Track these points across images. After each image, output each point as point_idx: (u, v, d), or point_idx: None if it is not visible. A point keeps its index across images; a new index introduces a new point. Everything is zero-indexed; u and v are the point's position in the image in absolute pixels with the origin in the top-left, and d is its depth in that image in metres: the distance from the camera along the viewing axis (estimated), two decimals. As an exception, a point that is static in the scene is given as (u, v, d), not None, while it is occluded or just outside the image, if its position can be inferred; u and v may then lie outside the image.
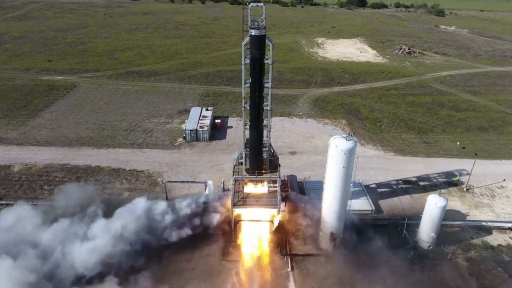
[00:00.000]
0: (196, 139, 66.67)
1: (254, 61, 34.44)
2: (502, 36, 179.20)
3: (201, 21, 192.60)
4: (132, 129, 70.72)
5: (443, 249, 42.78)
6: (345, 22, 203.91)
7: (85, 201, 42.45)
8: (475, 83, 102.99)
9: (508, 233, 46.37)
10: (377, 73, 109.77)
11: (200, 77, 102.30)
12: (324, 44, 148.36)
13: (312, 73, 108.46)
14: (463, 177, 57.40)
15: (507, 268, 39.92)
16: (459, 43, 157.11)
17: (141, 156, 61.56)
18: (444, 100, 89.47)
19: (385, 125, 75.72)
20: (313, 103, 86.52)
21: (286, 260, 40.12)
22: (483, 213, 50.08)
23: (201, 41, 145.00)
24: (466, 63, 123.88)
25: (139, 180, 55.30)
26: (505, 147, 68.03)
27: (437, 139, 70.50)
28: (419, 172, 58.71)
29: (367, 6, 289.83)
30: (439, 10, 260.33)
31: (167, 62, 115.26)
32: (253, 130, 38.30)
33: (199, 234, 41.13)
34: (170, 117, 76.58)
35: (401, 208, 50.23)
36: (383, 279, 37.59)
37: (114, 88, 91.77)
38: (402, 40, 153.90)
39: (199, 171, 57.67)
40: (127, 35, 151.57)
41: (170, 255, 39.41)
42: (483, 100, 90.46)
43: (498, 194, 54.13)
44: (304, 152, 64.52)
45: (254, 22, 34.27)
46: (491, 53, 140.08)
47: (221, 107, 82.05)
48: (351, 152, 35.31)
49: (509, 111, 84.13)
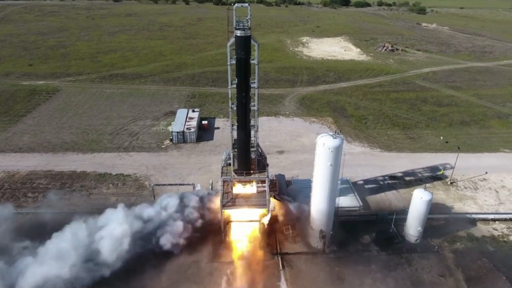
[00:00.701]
0: (183, 141, 66.24)
1: (240, 62, 34.47)
2: (482, 32, 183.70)
3: (185, 22, 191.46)
4: (118, 133, 69.80)
5: (430, 242, 43.58)
6: (329, 21, 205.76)
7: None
8: (456, 79, 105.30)
9: (492, 224, 47.58)
10: (362, 71, 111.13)
11: (185, 78, 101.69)
12: (308, 43, 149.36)
13: (298, 72, 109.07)
14: (447, 171, 58.63)
15: (492, 259, 40.94)
16: (440, 40, 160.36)
17: (128, 160, 60.80)
18: (427, 96, 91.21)
19: (371, 122, 76.72)
20: (299, 102, 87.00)
21: (277, 260, 40.24)
22: (467, 206, 51.23)
23: (185, 42, 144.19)
24: (448, 60, 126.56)
25: (126, 184, 54.59)
26: (486, 141, 69.75)
27: (421, 134, 71.82)
28: (405, 168, 59.66)
29: (350, 5, 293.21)
30: (420, 8, 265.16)
31: (151, 64, 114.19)
32: (241, 131, 38.32)
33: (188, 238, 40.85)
34: (156, 120, 75.89)
35: (388, 204, 50.98)
36: (373, 274, 38.14)
37: (98, 92, 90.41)
38: (385, 38, 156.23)
39: (187, 173, 57.30)
40: (110, 37, 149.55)
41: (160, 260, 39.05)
42: (464, 95, 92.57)
43: (480, 186, 55.47)
44: (292, 151, 64.82)
45: (239, 22, 34.29)
46: (471, 49, 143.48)
47: (207, 108, 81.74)
48: (338, 150, 35.69)
49: (490, 106, 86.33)
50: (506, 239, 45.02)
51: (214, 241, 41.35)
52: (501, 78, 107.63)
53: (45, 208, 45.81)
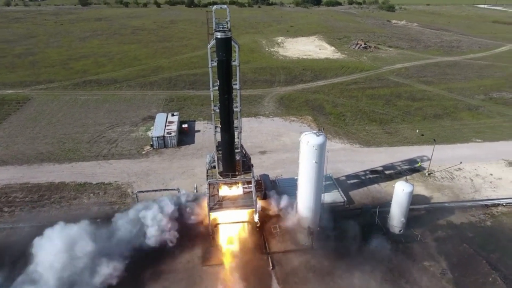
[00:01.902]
0: (164, 145, 65.32)
1: (222, 64, 34.43)
2: (448, 28, 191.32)
3: (158, 25, 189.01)
4: (95, 141, 68.01)
5: (413, 232, 44.98)
6: (302, 21, 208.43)
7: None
8: (427, 74, 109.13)
9: (469, 211, 49.63)
10: (337, 69, 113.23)
11: (162, 82, 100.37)
12: (283, 43, 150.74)
13: (275, 72, 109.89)
14: (424, 162, 60.65)
15: (472, 244, 42.74)
16: (410, 36, 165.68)
17: (108, 168, 59.35)
18: (401, 91, 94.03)
19: (349, 118, 78.32)
20: (278, 101, 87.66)
21: (267, 259, 40.42)
22: (445, 195, 53.15)
23: (160, 46, 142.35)
24: (418, 55, 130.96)
25: (108, 193, 53.27)
26: (459, 132, 72.66)
27: (398, 128, 73.97)
28: (384, 162, 61.25)
29: (322, 4, 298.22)
30: (389, 6, 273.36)
31: (126, 68, 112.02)
32: (224, 133, 38.26)
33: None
34: (135, 125, 74.50)
35: (371, 197, 52.17)
36: (361, 267, 38.96)
37: (71, 99, 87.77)
38: (357, 36, 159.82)
39: (170, 178, 56.57)
40: (81, 42, 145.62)
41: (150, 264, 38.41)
42: (436, 89, 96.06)
43: (456, 176, 57.73)
44: (274, 150, 65.22)
45: (219, 24, 34.26)
46: (439, 44, 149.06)
47: (186, 112, 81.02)
48: (322, 147, 36.27)
49: (460, 98, 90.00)
50: (483, 225, 47.08)
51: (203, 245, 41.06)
52: (469, 71, 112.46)
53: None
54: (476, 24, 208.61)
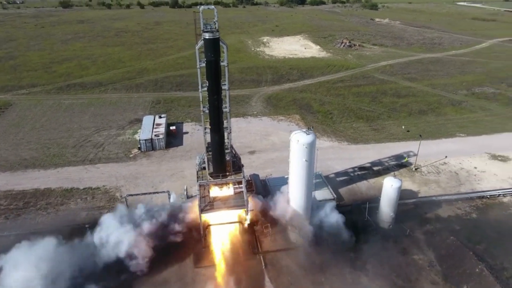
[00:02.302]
0: (152, 148, 64.74)
1: (210, 64, 34.29)
2: (430, 25, 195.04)
3: (142, 27, 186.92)
4: (81, 145, 66.91)
5: (402, 226, 45.74)
6: (287, 20, 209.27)
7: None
8: (411, 70, 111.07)
9: (455, 204, 50.78)
10: (323, 67, 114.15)
11: (148, 84, 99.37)
12: (269, 42, 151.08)
13: (261, 72, 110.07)
14: (411, 158, 61.79)
15: (459, 236, 43.73)
16: (393, 34, 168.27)
17: (95, 172, 58.49)
18: (386, 88, 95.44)
19: (336, 116, 79.08)
20: (265, 101, 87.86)
21: (259, 258, 40.50)
22: (431, 189, 54.28)
23: (144, 48, 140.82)
24: (402, 52, 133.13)
25: (96, 198, 52.52)
26: (443, 127, 74.21)
27: (384, 125, 75.08)
28: (372, 158, 62.15)
29: (306, 4, 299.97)
30: (372, 4, 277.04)
31: (110, 71, 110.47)
32: (214, 133, 38.12)
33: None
34: (121, 128, 73.57)
35: (360, 193, 52.90)
36: (352, 262, 39.45)
37: (55, 103, 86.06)
38: (342, 34, 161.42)
39: (160, 181, 56.13)
40: (63, 45, 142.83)
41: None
42: (420, 86, 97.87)
43: (442, 170, 58.98)
44: (263, 150, 65.38)
45: (206, 25, 34.13)
46: (422, 42, 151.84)
47: (174, 113, 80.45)
48: (312, 146, 36.57)
49: (443, 94, 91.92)
50: (469, 217, 48.31)
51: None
52: (451, 67, 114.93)
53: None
54: (456, 21, 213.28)
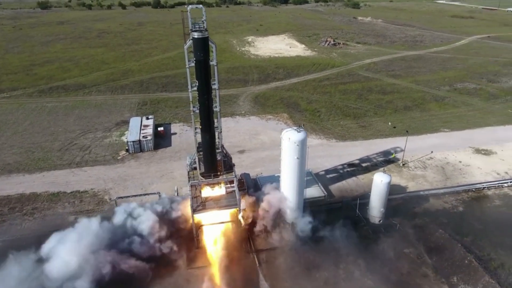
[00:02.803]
0: (140, 150, 63.91)
1: (200, 64, 34.08)
2: (411, 23, 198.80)
3: (125, 28, 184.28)
4: (67, 148, 65.53)
5: (392, 221, 46.48)
6: (271, 19, 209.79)
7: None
8: (395, 68, 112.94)
9: (442, 198, 51.91)
10: (309, 66, 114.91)
11: (133, 85, 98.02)
12: (254, 42, 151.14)
13: (248, 71, 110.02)
14: (398, 154, 62.84)
15: (447, 229, 44.72)
16: (376, 32, 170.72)
17: (82, 176, 57.35)
18: (371, 86, 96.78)
19: (324, 114, 79.73)
20: (253, 100, 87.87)
21: (253, 257, 40.51)
22: (419, 184, 55.33)
23: (128, 49, 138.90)
24: (385, 50, 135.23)
25: (84, 201, 51.52)
26: (428, 122, 75.75)
27: (371, 122, 76.11)
28: (360, 155, 62.91)
29: (289, 3, 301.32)
30: (354, 3, 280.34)
31: (94, 73, 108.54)
32: (205, 133, 37.92)
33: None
34: (108, 131, 72.38)
35: (350, 190, 53.46)
36: (345, 258, 39.86)
37: (38, 107, 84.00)
38: (326, 33, 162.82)
39: (149, 183, 55.47)
40: (44, 47, 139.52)
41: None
42: (404, 82, 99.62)
43: (429, 165, 60.20)
44: (252, 149, 65.38)
45: (195, 24, 33.91)
46: (404, 40, 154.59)
47: (161, 114, 79.61)
48: (303, 143, 36.81)
49: (427, 90, 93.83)
50: (456, 210, 49.44)
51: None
52: (433, 64, 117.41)
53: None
54: (436, 19, 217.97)
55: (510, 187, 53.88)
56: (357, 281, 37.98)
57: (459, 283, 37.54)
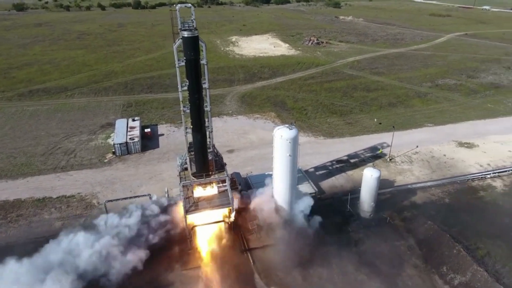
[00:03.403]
0: (127, 152, 62.91)
1: (190, 63, 33.79)
2: (391, 21, 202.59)
3: (105, 29, 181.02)
4: (51, 152, 63.91)
5: (382, 215, 47.31)
6: (254, 19, 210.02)
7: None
8: (378, 65, 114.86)
9: (429, 190, 53.17)
10: (294, 65, 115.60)
11: (117, 87, 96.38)
12: (238, 42, 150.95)
13: (233, 71, 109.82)
14: (385, 149, 63.98)
15: (435, 220, 45.81)
16: (358, 31, 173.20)
17: (68, 180, 56.05)
18: (356, 83, 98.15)
19: (310, 112, 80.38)
20: (240, 100, 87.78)
21: (247, 256, 40.49)
22: (406, 178, 56.50)
23: (110, 50, 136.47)
24: (368, 48, 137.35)
25: (71, 206, 50.36)
26: (412, 118, 77.39)
27: (357, 118, 77.20)
28: (348, 151, 63.75)
29: (271, 3, 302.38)
30: (335, 2, 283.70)
31: (76, 75, 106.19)
32: (196, 133, 37.65)
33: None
34: (93, 133, 70.95)
35: (340, 186, 54.13)
36: (338, 253, 40.31)
37: (18, 111, 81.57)
38: (309, 32, 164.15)
39: (138, 185, 54.69)
40: (22, 50, 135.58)
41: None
42: (387, 80, 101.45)
43: (415, 159, 61.53)
44: (241, 148, 65.32)
45: (184, 23, 33.64)
46: (385, 38, 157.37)
47: (147, 116, 78.58)
48: (295, 140, 37.03)
49: (410, 87, 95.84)
50: (443, 202, 50.72)
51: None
52: (415, 61, 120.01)
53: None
54: (415, 17, 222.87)
55: (492, 178, 55.68)
56: (351, 275, 38.50)
57: (449, 272, 38.55)
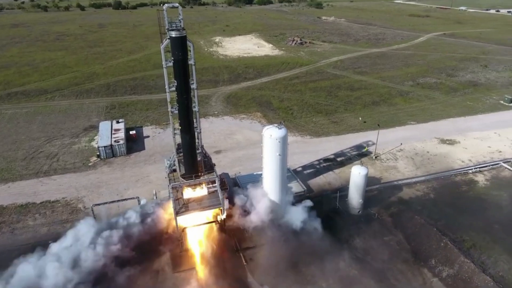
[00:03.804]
0: (112, 155, 61.75)
1: (178, 63, 33.46)
2: (372, 22, 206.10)
3: (85, 30, 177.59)
4: (32, 157, 62.12)
5: (370, 211, 48.05)
6: (237, 20, 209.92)
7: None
8: (361, 65, 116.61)
9: (414, 186, 54.34)
10: (278, 65, 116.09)
11: (99, 89, 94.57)
12: (222, 42, 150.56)
13: (218, 72, 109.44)
14: (370, 147, 64.98)
15: (421, 215, 46.87)
16: (341, 31, 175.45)
17: (52, 185, 54.60)
18: (340, 83, 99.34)
19: (296, 112, 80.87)
20: (225, 100, 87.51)
21: (239, 256, 40.38)
22: (392, 175, 57.55)
23: (91, 51, 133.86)
24: (350, 48, 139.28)
25: (56, 211, 49.08)
26: (395, 116, 78.91)
27: (342, 117, 78.14)
28: (334, 150, 64.43)
29: (254, 3, 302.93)
30: (317, 3, 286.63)
31: (56, 77, 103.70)
32: (185, 134, 37.28)
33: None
34: (76, 136, 69.37)
35: (328, 184, 54.65)
36: (330, 250, 40.67)
37: (-4, 114, 79.08)
38: (292, 33, 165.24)
39: (124, 188, 53.76)
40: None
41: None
42: (370, 79, 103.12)
43: (399, 156, 62.74)
44: (228, 149, 65.10)
45: (171, 23, 33.29)
46: (367, 38, 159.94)
47: (131, 118, 77.38)
48: (284, 140, 37.17)
49: (392, 86, 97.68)
50: (428, 197, 51.90)
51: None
52: (396, 60, 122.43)
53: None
54: (395, 18, 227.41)
55: (474, 173, 57.36)
56: (342, 271, 38.89)
57: (437, 265, 39.48)
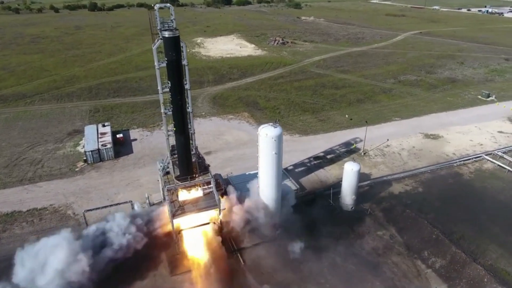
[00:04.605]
0: (99, 159, 60.36)
1: (172, 64, 33.06)
2: (351, 21, 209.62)
3: (61, 32, 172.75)
4: (15, 164, 59.97)
5: (362, 207, 48.91)
6: (217, 21, 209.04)
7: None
8: (343, 64, 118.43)
9: (403, 181, 55.66)
10: (262, 65, 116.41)
11: (81, 92, 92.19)
12: (203, 43, 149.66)
13: (202, 72, 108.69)
14: (358, 144, 66.12)
15: (412, 209, 48.11)
16: (321, 31, 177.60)
17: (38, 192, 52.87)
18: (324, 81, 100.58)
19: (283, 111, 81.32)
20: (211, 101, 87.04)
21: (236, 256, 40.28)
22: (381, 170, 58.74)
23: (69, 54, 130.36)
24: (331, 47, 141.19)
25: (44, 219, 47.57)
26: (380, 113, 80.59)
27: (329, 115, 79.16)
28: (324, 147, 65.20)
29: (232, 4, 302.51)
30: (296, 3, 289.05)
31: (34, 81, 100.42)
32: (180, 135, 36.92)
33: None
34: (60, 142, 67.41)
35: (320, 181, 55.26)
36: (325, 246, 41.17)
37: (-28, 121, 75.81)
38: (274, 33, 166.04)
39: (115, 192, 52.67)
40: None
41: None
42: (353, 77, 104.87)
43: (387, 152, 64.12)
44: (218, 150, 64.79)
45: (164, 24, 32.89)
46: (347, 37, 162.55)
47: (117, 121, 75.84)
48: (280, 138, 37.36)
49: (375, 83, 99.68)
50: (416, 191, 53.29)
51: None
52: (377, 59, 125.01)
53: None
54: (372, 17, 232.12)
55: (459, 166, 59.30)
56: (339, 267, 39.40)
57: (430, 256, 40.62)
